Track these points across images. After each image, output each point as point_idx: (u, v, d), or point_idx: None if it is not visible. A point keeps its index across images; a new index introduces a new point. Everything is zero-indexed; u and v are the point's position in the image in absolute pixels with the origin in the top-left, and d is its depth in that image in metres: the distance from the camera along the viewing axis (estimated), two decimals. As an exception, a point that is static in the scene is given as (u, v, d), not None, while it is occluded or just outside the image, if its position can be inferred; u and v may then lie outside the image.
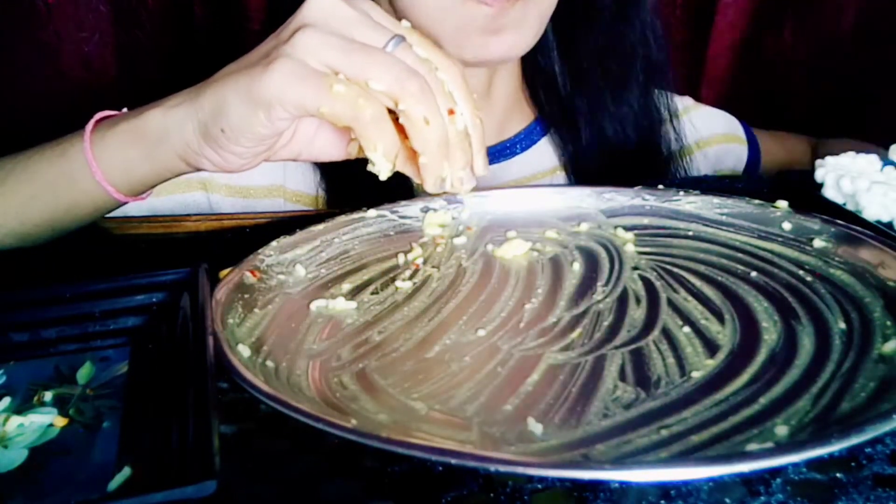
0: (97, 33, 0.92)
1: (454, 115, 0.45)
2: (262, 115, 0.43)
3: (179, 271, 0.42)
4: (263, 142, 0.46)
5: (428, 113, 0.42)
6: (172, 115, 0.48)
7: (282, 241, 0.49)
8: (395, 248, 0.51)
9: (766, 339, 0.38)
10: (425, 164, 0.44)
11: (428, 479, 0.29)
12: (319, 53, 0.42)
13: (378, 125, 0.42)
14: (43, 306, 0.41)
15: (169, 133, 0.48)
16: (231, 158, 0.47)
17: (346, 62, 0.42)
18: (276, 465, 0.31)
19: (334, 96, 0.41)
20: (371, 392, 0.35)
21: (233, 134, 0.45)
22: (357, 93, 0.42)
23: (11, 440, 0.33)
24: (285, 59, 0.42)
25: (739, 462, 0.27)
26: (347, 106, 0.41)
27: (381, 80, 0.42)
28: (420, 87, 0.42)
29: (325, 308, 0.43)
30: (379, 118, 0.42)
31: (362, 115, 0.42)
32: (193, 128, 0.47)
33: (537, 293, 0.45)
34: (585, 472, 0.27)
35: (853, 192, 0.52)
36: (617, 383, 0.35)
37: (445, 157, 0.44)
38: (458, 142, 0.45)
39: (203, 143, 0.47)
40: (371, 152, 0.43)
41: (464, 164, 0.46)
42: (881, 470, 0.29)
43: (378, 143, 0.42)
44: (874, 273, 0.43)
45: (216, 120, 0.45)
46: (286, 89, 0.42)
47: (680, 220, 0.54)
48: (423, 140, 0.43)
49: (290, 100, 0.42)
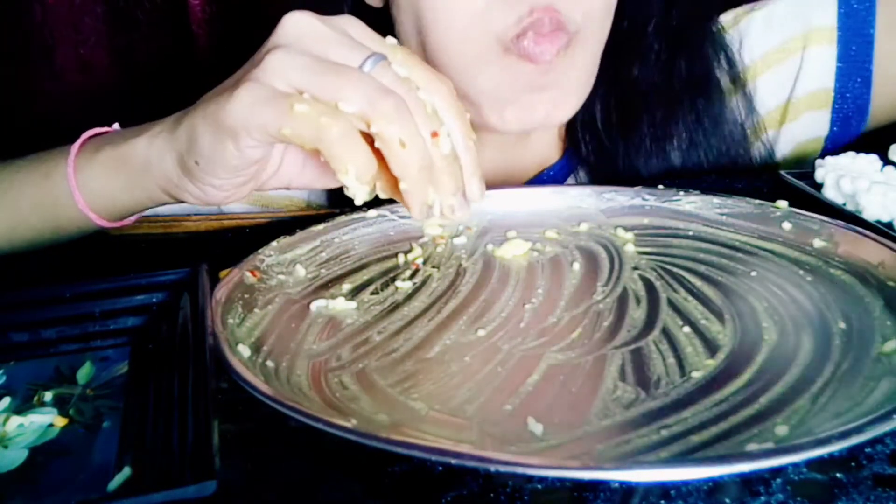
0: (93, 35, 0.92)
1: (438, 138, 0.41)
2: (230, 144, 0.41)
3: (179, 271, 0.42)
4: (239, 173, 0.44)
5: (403, 134, 0.39)
6: (154, 145, 0.46)
7: (282, 241, 0.49)
8: (395, 248, 0.51)
9: (766, 339, 0.38)
10: (407, 191, 0.41)
11: (428, 479, 0.29)
12: (287, 75, 0.40)
13: (346, 144, 0.39)
14: (43, 306, 0.41)
15: (150, 164, 0.46)
16: (211, 192, 0.45)
17: (314, 83, 0.39)
18: (276, 465, 0.31)
19: (295, 117, 0.38)
20: (371, 392, 0.35)
21: (207, 166, 0.43)
22: (320, 111, 0.38)
23: (11, 440, 0.33)
24: (250, 83, 0.40)
25: (739, 462, 0.27)
26: (310, 126, 0.38)
27: (350, 101, 0.39)
28: (394, 106, 0.39)
29: (325, 308, 0.43)
30: (346, 137, 0.38)
31: (327, 135, 0.38)
32: (172, 160, 0.45)
33: (537, 293, 0.45)
34: (585, 472, 0.27)
35: (853, 193, 0.52)
36: (617, 383, 0.35)
37: (429, 182, 0.41)
38: (445, 166, 0.41)
39: (182, 175, 0.45)
40: (342, 175, 0.39)
41: (454, 189, 0.42)
42: (881, 470, 0.29)
43: (349, 164, 0.39)
44: (874, 273, 0.43)
45: (191, 152, 0.43)
46: (248, 115, 0.39)
47: (680, 220, 0.54)
48: (401, 164, 0.40)
49: (252, 125, 0.40)
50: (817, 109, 0.65)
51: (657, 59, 0.63)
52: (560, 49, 0.54)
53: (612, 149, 0.65)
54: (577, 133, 0.67)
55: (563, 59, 0.55)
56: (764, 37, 0.65)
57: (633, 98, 0.64)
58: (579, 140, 0.67)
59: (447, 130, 0.42)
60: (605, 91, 0.64)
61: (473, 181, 0.44)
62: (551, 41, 0.53)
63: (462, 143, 0.43)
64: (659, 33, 0.63)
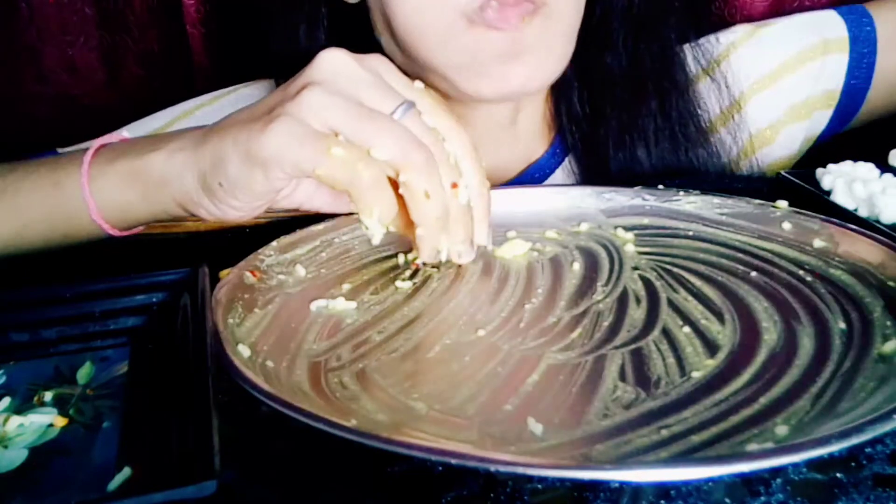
0: (82, 36, 0.91)
1: (457, 189, 0.43)
2: (260, 173, 0.42)
3: (179, 271, 0.42)
4: (261, 198, 0.45)
5: (430, 187, 0.41)
6: (174, 161, 0.46)
7: (282, 241, 0.49)
8: (395, 248, 0.51)
9: (766, 339, 0.38)
10: (422, 236, 0.43)
11: (428, 479, 0.29)
12: (323, 114, 0.41)
13: (376, 191, 0.41)
14: (43, 306, 0.41)
15: (169, 180, 0.47)
16: (228, 211, 0.46)
17: (349, 127, 0.41)
18: (276, 465, 0.31)
19: (332, 159, 0.40)
20: (371, 392, 0.35)
21: (230, 188, 0.44)
22: (356, 157, 0.40)
23: (11, 440, 0.33)
24: (286, 119, 0.41)
25: (739, 462, 0.27)
26: (346, 171, 0.40)
27: (385, 149, 0.41)
28: (425, 160, 0.41)
29: (325, 308, 0.43)
30: (377, 184, 0.41)
31: (360, 181, 0.40)
32: (193, 177, 0.46)
33: (537, 293, 0.45)
34: (585, 472, 0.27)
35: (868, 196, 0.52)
36: (617, 383, 0.35)
37: (443, 230, 0.43)
38: (460, 216, 0.44)
39: (202, 193, 0.46)
40: (366, 217, 0.42)
41: (464, 238, 0.45)
42: (881, 470, 0.29)
43: (374, 208, 0.41)
44: (874, 273, 0.43)
45: (215, 173, 0.44)
46: (284, 150, 0.41)
47: (680, 220, 0.54)
48: (423, 214, 0.42)
49: (287, 161, 0.41)
50: (825, 109, 0.68)
51: (624, 47, 0.65)
52: (524, 14, 0.54)
53: (594, 138, 0.66)
54: (563, 120, 0.67)
55: (532, 27, 0.54)
56: (785, 43, 0.68)
57: (603, 87, 0.65)
58: (565, 129, 0.67)
59: (465, 182, 0.44)
60: (580, 78, 0.65)
61: (483, 227, 0.46)
62: (515, 7, 0.53)
63: (477, 189, 0.45)
64: (625, 21, 0.65)
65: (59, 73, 0.91)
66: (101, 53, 0.92)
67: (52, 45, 0.90)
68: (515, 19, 0.53)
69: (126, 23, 0.92)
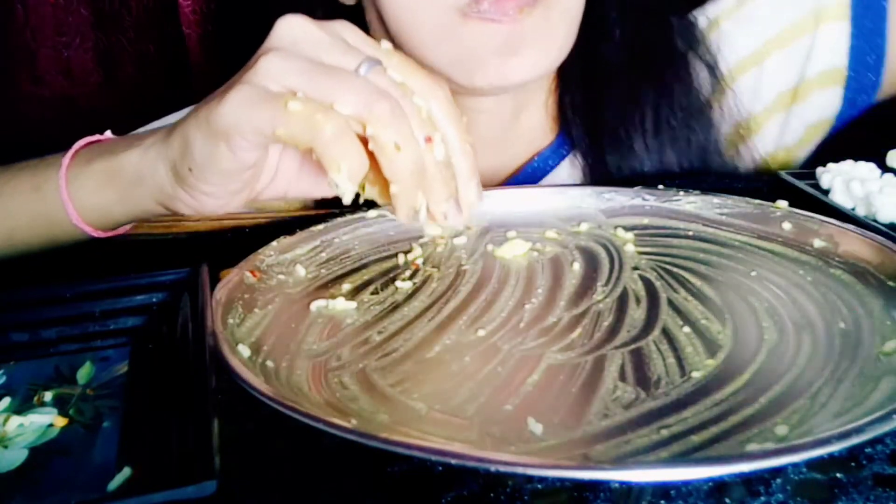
0: (77, 37, 0.90)
1: (432, 144, 0.41)
2: (224, 147, 0.41)
3: (179, 271, 0.42)
4: (233, 179, 0.44)
5: (398, 138, 0.39)
6: (147, 157, 0.46)
7: (282, 241, 0.49)
8: (395, 248, 0.51)
9: (766, 339, 0.38)
10: (396, 194, 0.40)
11: (428, 479, 0.29)
12: (280, 78, 0.39)
13: (340, 143, 0.38)
14: (43, 306, 0.41)
15: (143, 176, 0.46)
16: (205, 200, 0.45)
17: (308, 85, 0.39)
18: (276, 465, 0.31)
19: (290, 115, 0.38)
20: (371, 392, 0.35)
21: (200, 172, 0.43)
22: (315, 108, 0.38)
23: (11, 440, 0.33)
24: (242, 86, 0.40)
25: (739, 462, 0.27)
26: (305, 125, 0.38)
27: (346, 103, 0.38)
28: (390, 109, 0.38)
29: (325, 308, 0.43)
30: (340, 135, 0.38)
31: (321, 133, 0.38)
32: (166, 169, 0.45)
33: (537, 293, 0.45)
34: (585, 472, 0.27)
35: (865, 195, 0.52)
36: (617, 383, 0.35)
37: (419, 186, 0.40)
38: (437, 172, 0.41)
39: (176, 184, 0.45)
40: (334, 173, 0.38)
41: (445, 196, 0.41)
42: (881, 470, 0.29)
43: (341, 162, 0.38)
44: (874, 273, 0.43)
45: (183, 159, 0.43)
46: (240, 116, 0.39)
47: (680, 220, 0.54)
48: (395, 168, 0.39)
49: (245, 125, 0.39)
50: (829, 87, 0.63)
51: (621, 38, 0.63)
52: (523, 6, 0.53)
53: (595, 131, 0.64)
54: (567, 114, 0.66)
55: (532, 18, 0.53)
56: (773, 17, 0.64)
57: (600, 79, 0.64)
58: (570, 122, 0.66)
59: (441, 136, 0.41)
60: (582, 70, 0.64)
61: (471, 185, 0.43)
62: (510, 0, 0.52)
63: (458, 147, 0.42)
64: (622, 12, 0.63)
65: (55, 74, 0.91)
66: (97, 55, 0.92)
67: (48, 47, 0.90)
68: (513, 11, 0.52)
69: (122, 24, 0.92)
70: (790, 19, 0.63)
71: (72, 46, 0.91)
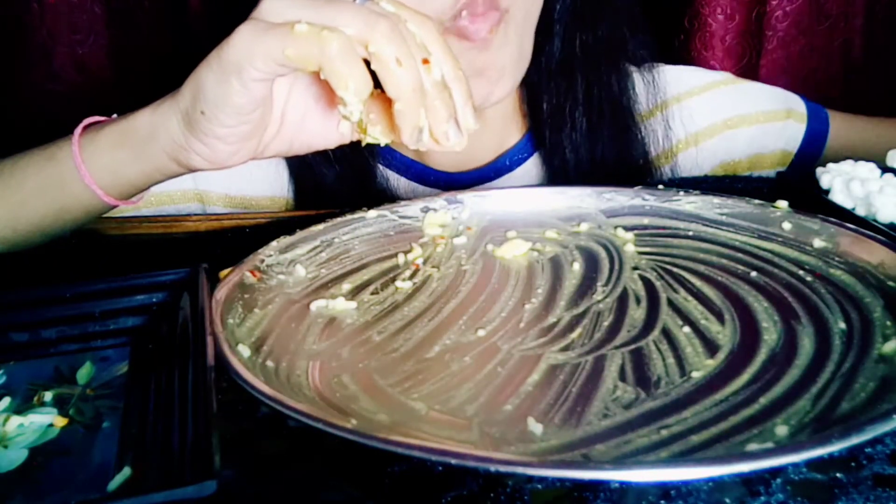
0: (91, 35, 0.92)
1: (429, 65, 0.42)
2: (235, 81, 0.43)
3: (179, 271, 0.42)
4: (244, 116, 0.45)
5: (400, 53, 0.41)
6: (158, 112, 0.48)
7: (282, 241, 0.49)
8: (395, 248, 0.51)
9: (766, 339, 0.38)
10: (400, 111, 0.42)
11: (428, 479, 0.29)
12: (284, 12, 0.42)
13: (347, 61, 0.40)
14: (43, 306, 0.41)
15: (156, 130, 0.48)
16: (218, 146, 0.47)
17: (312, 14, 0.41)
18: (276, 465, 0.31)
19: (298, 36, 0.40)
20: (371, 392, 0.35)
21: (212, 112, 0.44)
22: (321, 27, 0.40)
23: (11, 440, 0.33)
24: (248, 22, 0.42)
25: (739, 462, 0.27)
26: (312, 42, 0.40)
27: (348, 25, 0.41)
28: (390, 26, 0.41)
29: (325, 308, 0.43)
30: (346, 51, 0.40)
31: (329, 49, 0.40)
32: (178, 120, 0.47)
33: (537, 293, 0.45)
34: (585, 472, 0.27)
35: (865, 195, 0.52)
36: (617, 383, 0.35)
37: (421, 104, 0.42)
38: (437, 92, 0.43)
39: (188, 133, 0.46)
40: (342, 90, 0.41)
41: (446, 116, 0.43)
42: (881, 470, 0.29)
43: (349, 79, 0.40)
44: (874, 273, 0.43)
45: (195, 103, 0.45)
46: (250, 45, 0.41)
47: (680, 220, 0.54)
48: (397, 83, 0.41)
49: (256, 54, 0.41)
50: (778, 167, 0.76)
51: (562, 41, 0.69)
52: (493, 26, 0.58)
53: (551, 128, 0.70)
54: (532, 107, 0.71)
55: (497, 36, 0.58)
56: (757, 100, 0.76)
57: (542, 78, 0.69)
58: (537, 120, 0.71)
59: (436, 60, 0.43)
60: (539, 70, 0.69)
61: (467, 109, 0.44)
62: (485, 19, 0.57)
63: (452, 73, 0.44)
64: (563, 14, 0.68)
65: (70, 71, 0.92)
66: (110, 52, 0.93)
67: (63, 44, 0.91)
68: (485, 32, 0.57)
69: (135, 22, 0.93)
70: (770, 107, 0.76)
71: (86, 44, 0.92)
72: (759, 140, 0.76)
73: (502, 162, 0.73)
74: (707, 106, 0.75)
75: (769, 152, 0.76)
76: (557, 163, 0.71)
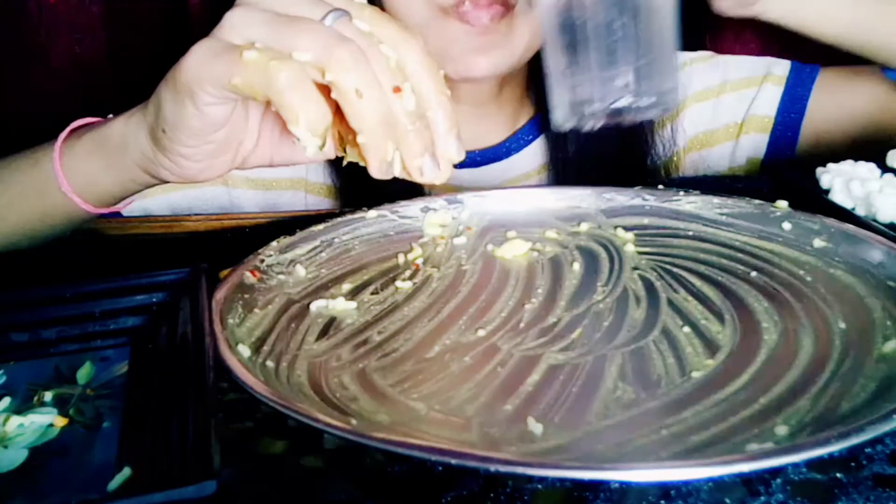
0: (90, 34, 0.92)
1: (401, 94, 0.39)
2: (189, 103, 0.41)
3: (179, 271, 0.42)
4: (204, 138, 0.43)
5: (360, 83, 0.37)
6: (129, 124, 0.47)
7: (282, 241, 0.49)
8: (395, 248, 0.51)
9: (766, 339, 0.38)
10: (364, 144, 0.39)
11: (428, 479, 0.29)
12: (242, 30, 0.39)
13: (296, 91, 0.37)
14: (43, 306, 0.41)
15: (127, 143, 0.47)
16: (184, 164, 0.45)
17: (268, 35, 0.38)
18: (276, 465, 0.31)
19: (245, 65, 0.37)
20: (371, 392, 0.35)
21: (172, 132, 0.43)
22: (269, 57, 0.37)
23: (11, 440, 0.33)
24: (205, 40, 0.40)
25: (739, 462, 0.27)
26: (260, 73, 0.37)
27: (304, 49, 0.37)
28: (351, 54, 0.37)
29: (325, 308, 0.43)
30: (296, 83, 0.37)
31: (276, 82, 0.36)
32: (146, 134, 0.46)
33: (537, 293, 0.45)
34: (585, 472, 0.27)
35: (865, 195, 0.52)
36: (617, 383, 0.35)
37: (388, 136, 0.39)
38: (409, 123, 0.39)
39: (156, 149, 0.45)
40: (293, 125, 0.37)
41: (420, 150, 0.40)
42: (881, 470, 0.29)
43: (300, 112, 0.37)
44: (874, 273, 0.43)
45: (157, 120, 0.44)
46: (200, 68, 0.39)
47: (680, 220, 0.54)
48: (358, 115, 0.38)
49: (204, 78, 0.39)
50: (759, 133, 0.76)
51: None
52: (494, 16, 0.59)
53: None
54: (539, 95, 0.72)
55: (501, 25, 0.60)
56: (737, 69, 0.78)
57: None
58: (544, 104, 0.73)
59: (413, 87, 0.40)
60: None
61: (449, 139, 0.41)
62: (487, 9, 0.59)
63: (433, 99, 0.40)
64: None
65: (67, 70, 0.92)
66: (108, 51, 0.93)
67: (61, 43, 0.91)
68: (486, 19, 0.59)
69: (134, 21, 0.93)
70: (747, 73, 0.77)
71: (84, 43, 0.92)
72: (734, 108, 0.76)
73: (514, 141, 0.74)
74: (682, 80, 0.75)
75: (743, 119, 0.76)
76: (561, 144, 0.71)
